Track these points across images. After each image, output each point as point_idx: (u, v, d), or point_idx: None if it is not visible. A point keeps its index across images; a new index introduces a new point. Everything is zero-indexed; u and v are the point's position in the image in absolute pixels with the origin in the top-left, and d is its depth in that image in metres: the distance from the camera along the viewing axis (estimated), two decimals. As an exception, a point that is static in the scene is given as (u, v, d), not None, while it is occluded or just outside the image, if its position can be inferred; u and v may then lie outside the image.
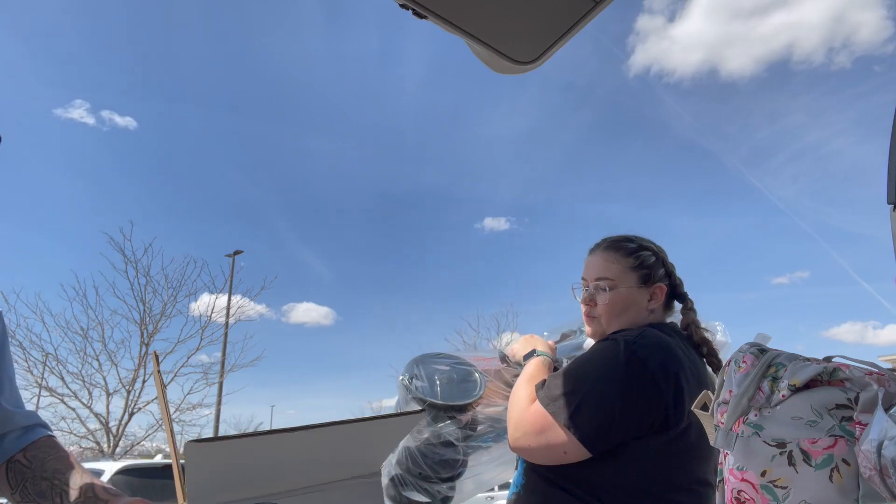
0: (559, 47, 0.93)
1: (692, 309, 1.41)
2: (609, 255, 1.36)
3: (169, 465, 8.35)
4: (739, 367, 0.86)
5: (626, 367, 1.15)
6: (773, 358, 0.84)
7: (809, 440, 0.76)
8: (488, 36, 0.90)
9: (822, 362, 0.81)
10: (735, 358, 0.88)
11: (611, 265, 1.35)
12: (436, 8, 0.83)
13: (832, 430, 0.75)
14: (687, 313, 1.40)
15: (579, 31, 0.90)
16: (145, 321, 14.72)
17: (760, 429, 0.79)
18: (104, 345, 14.30)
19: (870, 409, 0.73)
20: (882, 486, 0.66)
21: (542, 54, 0.95)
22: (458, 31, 0.88)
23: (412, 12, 0.84)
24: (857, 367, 0.79)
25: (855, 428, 0.74)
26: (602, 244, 1.40)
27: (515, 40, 0.92)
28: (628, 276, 1.34)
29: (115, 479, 7.41)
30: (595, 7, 0.86)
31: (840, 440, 0.74)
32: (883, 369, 0.80)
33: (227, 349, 17.49)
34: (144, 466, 8.11)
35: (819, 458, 0.74)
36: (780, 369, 0.82)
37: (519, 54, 0.95)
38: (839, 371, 0.79)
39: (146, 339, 14.60)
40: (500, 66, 0.99)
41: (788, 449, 0.76)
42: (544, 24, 0.89)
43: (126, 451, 14.36)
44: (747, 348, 0.88)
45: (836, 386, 0.78)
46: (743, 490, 0.78)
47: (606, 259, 1.36)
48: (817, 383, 0.79)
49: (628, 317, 1.33)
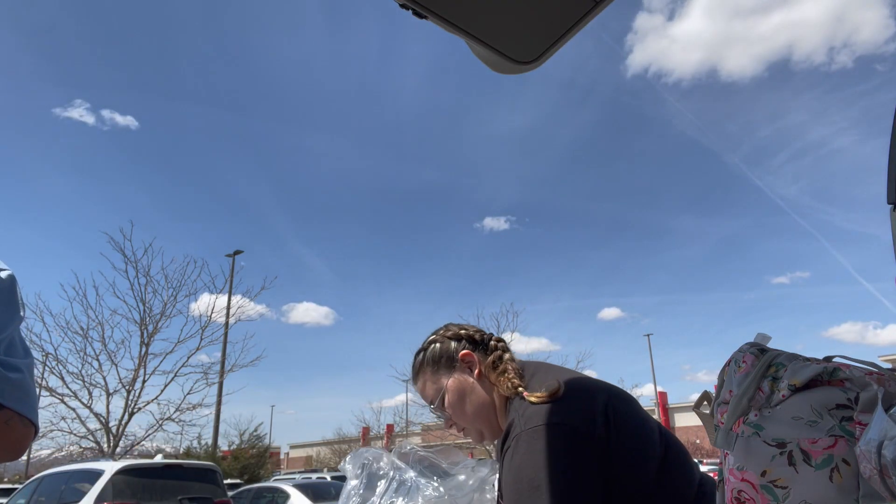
0: (559, 47, 0.93)
1: (501, 344, 1.36)
2: (418, 384, 1.39)
3: (169, 465, 8.35)
4: (739, 367, 0.86)
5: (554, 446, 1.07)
6: (773, 358, 0.84)
7: (809, 440, 0.76)
8: (488, 36, 0.90)
9: (822, 362, 0.81)
10: (735, 358, 0.88)
11: (423, 389, 1.37)
12: (436, 8, 0.83)
13: (832, 430, 0.75)
14: (499, 352, 1.34)
15: (579, 30, 0.90)
16: (145, 321, 14.72)
17: (760, 429, 0.79)
18: (104, 345, 14.30)
19: (870, 409, 0.73)
20: (882, 486, 0.66)
21: (542, 54, 0.95)
22: (458, 31, 0.88)
23: (412, 12, 0.84)
24: (857, 367, 0.79)
25: (855, 428, 0.74)
26: (411, 379, 1.42)
27: (515, 40, 0.92)
28: (437, 380, 1.34)
29: (115, 479, 7.39)
30: (595, 7, 0.85)
31: (840, 440, 0.74)
32: (883, 369, 0.80)
33: (227, 349, 17.53)
34: (144, 466, 8.09)
35: (819, 458, 0.74)
36: (780, 369, 0.82)
37: (519, 54, 0.95)
38: (839, 371, 0.79)
39: (146, 339, 14.60)
40: (501, 66, 0.99)
41: (788, 449, 0.76)
42: (544, 24, 0.89)
43: (126, 451, 14.35)
44: (747, 348, 0.88)
45: (836, 386, 0.78)
46: (743, 490, 0.78)
47: (420, 388, 1.39)
48: (817, 383, 0.79)
49: (473, 400, 1.30)
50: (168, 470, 8.15)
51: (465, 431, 1.35)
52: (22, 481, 18.61)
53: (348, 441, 41.49)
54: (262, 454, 25.35)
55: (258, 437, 25.68)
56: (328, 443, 45.36)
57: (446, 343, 1.37)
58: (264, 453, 25.88)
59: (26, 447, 1.16)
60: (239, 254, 21.57)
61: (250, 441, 25.21)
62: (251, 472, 23.16)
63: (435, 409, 1.35)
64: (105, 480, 7.35)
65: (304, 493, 11.16)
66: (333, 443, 43.52)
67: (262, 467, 24.84)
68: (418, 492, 1.38)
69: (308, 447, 53.02)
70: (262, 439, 26.07)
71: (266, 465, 26.12)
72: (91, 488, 7.36)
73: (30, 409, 1.12)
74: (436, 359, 1.36)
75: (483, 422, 1.31)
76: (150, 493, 7.57)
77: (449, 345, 1.36)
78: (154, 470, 8.01)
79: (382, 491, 1.39)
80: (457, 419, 1.33)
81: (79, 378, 13.95)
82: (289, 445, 56.24)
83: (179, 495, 7.73)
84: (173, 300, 15.18)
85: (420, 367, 1.38)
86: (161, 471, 8.05)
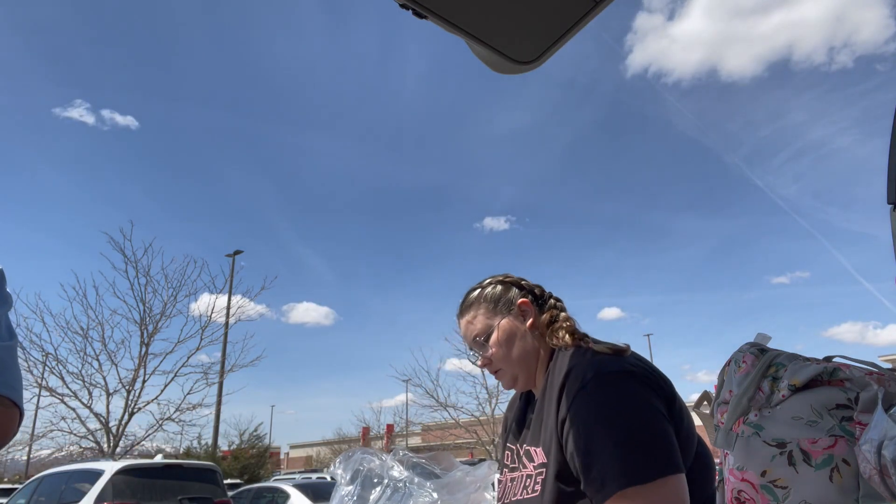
0: (559, 47, 0.93)
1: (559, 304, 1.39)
2: (465, 318, 1.39)
3: (169, 465, 8.35)
4: (739, 367, 0.86)
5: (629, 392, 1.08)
6: (773, 358, 0.84)
7: (809, 440, 0.75)
8: (488, 36, 0.90)
9: (822, 362, 0.81)
10: (735, 358, 0.88)
11: (471, 324, 1.37)
12: (436, 8, 0.83)
13: (832, 430, 0.75)
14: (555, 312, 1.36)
15: (580, 30, 0.90)
16: (145, 321, 14.72)
17: (760, 429, 0.79)
18: (104, 345, 14.30)
19: (870, 409, 0.73)
20: (882, 486, 0.66)
21: (542, 54, 0.95)
22: (458, 31, 0.88)
23: (412, 12, 0.84)
24: (857, 367, 0.79)
25: (855, 428, 0.74)
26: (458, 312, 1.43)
27: (515, 40, 0.92)
28: (490, 318, 1.35)
29: (115, 479, 7.39)
30: (595, 7, 0.85)
31: (840, 440, 0.74)
32: (883, 369, 0.80)
33: (227, 349, 17.53)
34: (144, 466, 8.09)
35: (819, 458, 0.74)
36: (780, 369, 0.82)
37: (519, 54, 0.95)
38: (839, 371, 0.78)
39: (146, 339, 14.59)
40: (501, 66, 0.99)
41: (788, 449, 0.76)
42: (544, 24, 0.89)
43: (126, 451, 14.35)
44: (747, 348, 0.88)
45: (836, 386, 0.78)
46: (743, 490, 0.78)
47: (466, 322, 1.39)
48: (817, 383, 0.79)
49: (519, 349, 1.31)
50: (168, 470, 8.15)
51: (500, 373, 1.35)
52: (22, 481, 18.62)
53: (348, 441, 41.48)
54: (262, 454, 25.35)
55: (258, 437, 25.68)
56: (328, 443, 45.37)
57: (507, 287, 1.39)
58: (264, 453, 25.87)
59: (10, 430, 1.13)
60: (239, 254, 21.58)
61: (250, 441, 25.21)
62: (251, 472, 23.17)
63: (476, 343, 1.35)
64: (105, 480, 7.35)
65: (304, 493, 11.16)
66: (333, 443, 43.52)
67: (262, 467, 24.84)
68: (411, 497, 1.38)
69: (308, 447, 53.02)
70: (262, 439, 26.07)
71: (266, 465, 26.12)
72: (91, 488, 7.36)
73: (7, 387, 1.10)
74: (494, 299, 1.37)
75: (523, 368, 1.32)
76: (150, 493, 7.57)
77: (510, 289, 1.38)
78: (154, 470, 8.01)
79: (377, 498, 1.39)
80: (497, 359, 1.33)
81: (79, 378, 13.96)
82: (289, 445, 56.25)
83: (179, 495, 7.73)
84: (173, 300, 15.19)
85: (474, 302, 1.38)
86: (161, 471, 8.05)
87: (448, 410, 23.91)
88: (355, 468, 1.46)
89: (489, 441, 22.76)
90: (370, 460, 1.47)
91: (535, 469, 1.21)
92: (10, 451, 18.82)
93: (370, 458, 1.48)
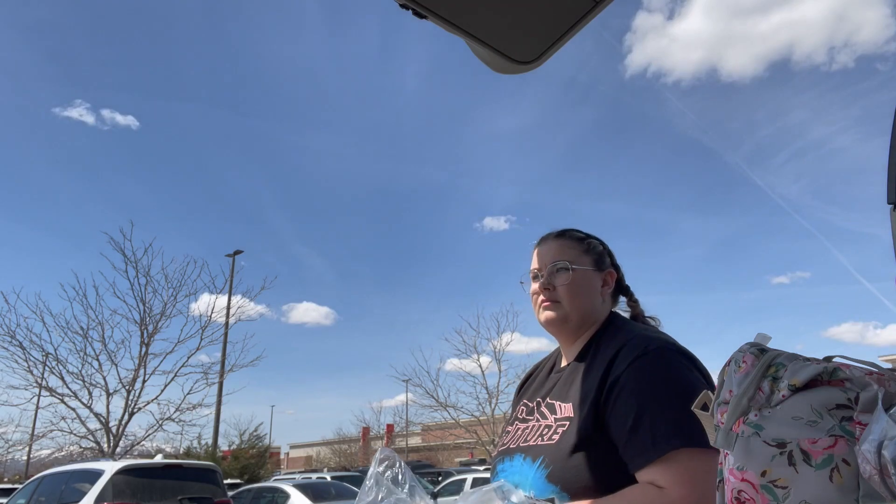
0: (559, 47, 0.93)
1: (637, 301, 1.45)
2: (561, 241, 1.39)
3: (169, 465, 8.35)
4: (739, 366, 0.86)
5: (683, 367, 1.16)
6: (773, 358, 0.84)
7: (809, 440, 0.75)
8: (488, 36, 0.90)
9: (822, 362, 0.81)
10: (735, 358, 0.88)
11: (565, 249, 1.37)
12: (436, 8, 0.83)
13: (832, 430, 0.75)
14: (634, 305, 1.45)
15: (579, 30, 0.90)
16: (145, 321, 14.73)
17: (760, 429, 0.79)
18: (104, 345, 14.32)
19: (870, 409, 0.73)
20: (882, 486, 0.66)
21: (542, 54, 0.95)
22: (458, 31, 0.88)
23: (412, 12, 0.84)
24: (857, 367, 0.79)
25: (855, 428, 0.74)
26: (550, 234, 1.43)
27: (515, 40, 0.92)
28: (583, 259, 1.37)
29: (115, 479, 7.39)
30: (595, 7, 0.85)
31: (840, 440, 0.74)
32: (883, 369, 0.80)
33: (227, 349, 17.55)
34: (144, 466, 8.09)
35: (819, 458, 0.74)
36: (780, 369, 0.82)
37: (519, 54, 0.95)
38: (839, 371, 0.79)
39: (146, 339, 14.61)
40: (501, 65, 0.99)
41: (788, 449, 0.76)
42: (544, 23, 0.89)
43: (126, 451, 14.36)
44: (747, 348, 0.88)
45: (836, 386, 0.78)
46: (743, 490, 0.78)
47: (560, 244, 1.38)
48: (817, 383, 0.79)
49: (587, 299, 1.35)
50: (168, 470, 8.15)
51: (554, 305, 1.34)
52: (22, 481, 18.61)
53: (348, 441, 41.48)
54: (262, 454, 25.34)
55: (258, 437, 25.67)
56: (328, 443, 45.37)
57: (606, 254, 1.43)
58: (264, 453, 25.87)
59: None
60: (239, 254, 21.57)
61: (250, 441, 25.20)
62: (251, 472, 23.15)
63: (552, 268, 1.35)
64: (105, 480, 7.35)
65: (304, 493, 11.16)
66: (333, 443, 43.52)
67: (262, 467, 24.84)
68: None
69: (308, 447, 53.03)
70: (262, 439, 26.06)
71: (266, 465, 26.13)
72: (91, 488, 7.36)
73: None
74: (595, 250, 1.40)
75: (580, 313, 1.33)
76: (150, 493, 7.57)
77: (606, 258, 1.42)
78: (154, 470, 8.01)
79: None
80: (564, 291, 1.33)
81: (79, 378, 13.98)
82: (289, 445, 56.26)
83: (179, 495, 7.73)
84: (173, 300, 15.21)
85: (577, 240, 1.40)
86: (161, 471, 8.05)
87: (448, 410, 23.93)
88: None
89: (489, 441, 22.74)
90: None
91: (557, 421, 1.24)
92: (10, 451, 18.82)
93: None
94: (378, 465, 1.40)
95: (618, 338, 1.25)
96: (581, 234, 1.43)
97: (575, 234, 1.41)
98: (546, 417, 1.27)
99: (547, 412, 1.28)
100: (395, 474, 1.42)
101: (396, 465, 1.43)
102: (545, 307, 1.34)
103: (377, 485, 1.36)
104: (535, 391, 1.40)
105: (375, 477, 1.38)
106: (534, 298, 1.38)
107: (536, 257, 1.40)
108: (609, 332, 1.30)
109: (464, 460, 31.97)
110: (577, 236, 1.41)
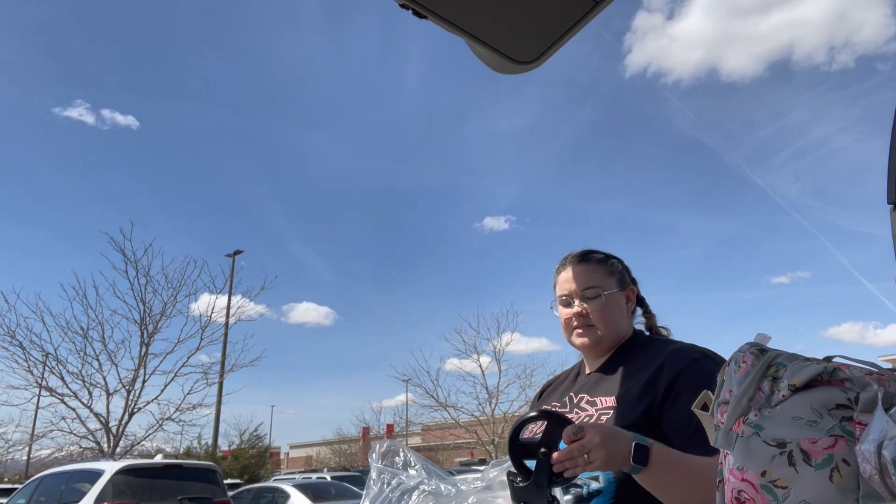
0: (559, 47, 0.93)
1: (653, 314, 1.54)
2: (587, 267, 1.45)
3: (169, 465, 8.35)
4: (739, 366, 0.86)
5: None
6: (773, 358, 0.84)
7: (809, 440, 0.75)
8: (488, 36, 0.90)
9: (822, 362, 0.81)
10: (735, 358, 0.88)
11: (592, 274, 1.44)
12: (436, 8, 0.83)
13: (832, 430, 0.75)
14: (650, 317, 1.53)
15: (579, 30, 0.90)
16: (145, 321, 14.73)
17: (760, 429, 0.79)
18: (104, 345, 14.32)
19: (870, 409, 0.73)
20: (882, 486, 0.66)
21: (542, 54, 0.95)
22: (458, 31, 0.88)
23: (412, 12, 0.84)
24: (857, 367, 0.79)
25: (855, 428, 0.74)
26: (573, 258, 1.48)
27: (516, 40, 0.92)
28: (609, 282, 1.44)
29: (115, 479, 7.39)
30: (595, 7, 0.85)
31: (840, 440, 0.74)
32: (883, 369, 0.80)
33: (227, 349, 17.55)
34: (144, 466, 8.09)
35: (819, 458, 0.74)
36: (780, 369, 0.82)
37: (519, 54, 0.95)
38: (839, 371, 0.78)
39: (146, 339, 14.61)
40: (501, 65, 0.99)
41: (788, 449, 0.76)
42: (544, 24, 0.89)
43: (126, 451, 14.36)
44: (747, 348, 0.87)
45: (836, 386, 0.78)
46: (743, 490, 0.78)
47: (586, 270, 1.45)
48: (817, 383, 0.79)
49: (618, 320, 1.43)
50: (168, 470, 8.15)
51: (588, 329, 1.42)
52: (22, 481, 18.61)
53: (348, 441, 41.49)
54: (262, 454, 25.34)
55: (258, 437, 25.66)
56: (328, 443, 45.38)
57: (625, 272, 1.50)
58: (264, 453, 25.87)
59: None
60: (239, 254, 21.58)
61: (250, 441, 25.20)
62: (251, 472, 23.16)
63: (585, 292, 1.42)
64: (105, 480, 7.35)
65: (304, 493, 11.17)
66: (333, 443, 43.53)
67: (262, 467, 24.84)
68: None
69: (308, 447, 53.04)
70: (262, 439, 26.06)
71: (266, 465, 26.12)
72: (91, 488, 7.36)
73: None
74: (618, 270, 1.47)
75: (613, 334, 1.42)
76: (150, 493, 7.57)
77: (628, 275, 1.50)
78: (154, 470, 8.01)
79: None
80: (598, 316, 1.41)
81: (79, 378, 13.98)
82: (289, 445, 56.25)
83: (179, 495, 7.73)
84: (173, 300, 15.21)
85: (600, 260, 1.47)
86: (161, 471, 8.05)
87: (448, 410, 23.93)
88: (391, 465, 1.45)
89: (489, 441, 22.74)
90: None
91: (599, 410, 1.32)
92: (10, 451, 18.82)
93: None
94: (381, 460, 1.42)
95: (653, 346, 1.37)
96: (601, 254, 1.49)
97: (596, 257, 1.48)
98: (587, 409, 1.36)
99: (587, 406, 1.37)
100: (404, 460, 1.45)
101: (401, 453, 1.45)
102: (580, 333, 1.43)
103: (380, 478, 1.38)
104: (564, 392, 1.48)
105: (378, 470, 1.40)
106: (566, 322, 1.45)
107: (564, 283, 1.46)
108: (639, 343, 1.42)
109: (464, 460, 31.97)
110: (599, 258, 1.47)
